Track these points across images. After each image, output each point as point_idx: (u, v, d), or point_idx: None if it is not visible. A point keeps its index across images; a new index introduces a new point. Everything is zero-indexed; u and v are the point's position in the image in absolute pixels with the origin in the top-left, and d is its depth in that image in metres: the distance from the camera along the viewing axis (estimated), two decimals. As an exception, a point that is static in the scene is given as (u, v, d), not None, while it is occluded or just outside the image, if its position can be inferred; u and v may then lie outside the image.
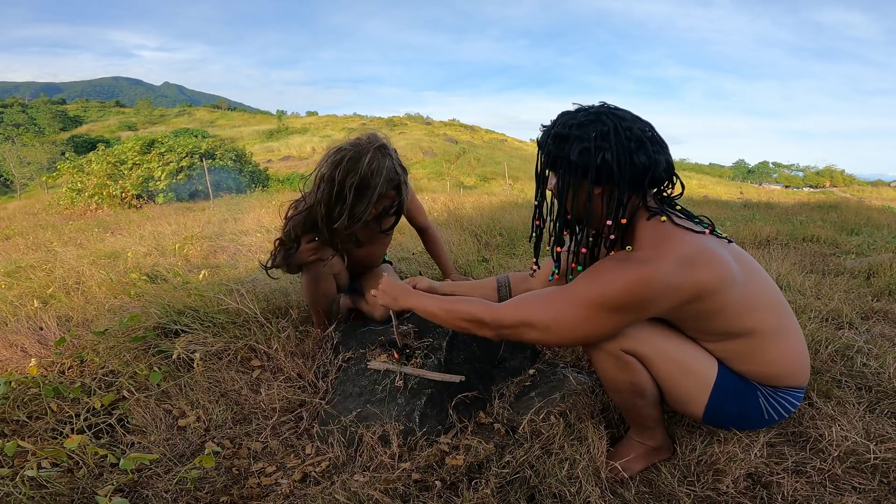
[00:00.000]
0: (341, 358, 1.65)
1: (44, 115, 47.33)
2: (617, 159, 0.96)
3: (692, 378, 1.06)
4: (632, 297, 0.94)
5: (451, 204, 6.07)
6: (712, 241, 0.99)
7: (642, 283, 0.93)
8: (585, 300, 0.98)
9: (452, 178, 18.92)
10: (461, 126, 54.18)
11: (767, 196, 12.24)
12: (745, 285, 0.99)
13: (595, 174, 0.98)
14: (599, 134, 0.96)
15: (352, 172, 1.53)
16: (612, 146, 0.96)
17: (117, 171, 10.81)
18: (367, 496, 1.11)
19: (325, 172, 1.56)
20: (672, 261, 0.93)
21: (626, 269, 0.94)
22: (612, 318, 0.97)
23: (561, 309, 1.00)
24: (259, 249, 3.75)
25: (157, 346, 1.78)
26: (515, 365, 1.69)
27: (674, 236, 0.97)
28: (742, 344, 1.03)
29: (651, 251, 0.95)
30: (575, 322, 0.99)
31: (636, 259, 0.96)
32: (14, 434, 1.36)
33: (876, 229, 4.64)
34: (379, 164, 1.55)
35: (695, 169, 69.58)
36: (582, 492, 1.09)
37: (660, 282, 0.92)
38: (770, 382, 1.07)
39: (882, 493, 1.07)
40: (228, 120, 61.35)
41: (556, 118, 1.04)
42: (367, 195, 1.57)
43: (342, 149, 1.57)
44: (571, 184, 1.01)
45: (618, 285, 0.94)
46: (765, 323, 1.02)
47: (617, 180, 0.97)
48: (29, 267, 3.53)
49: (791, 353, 1.06)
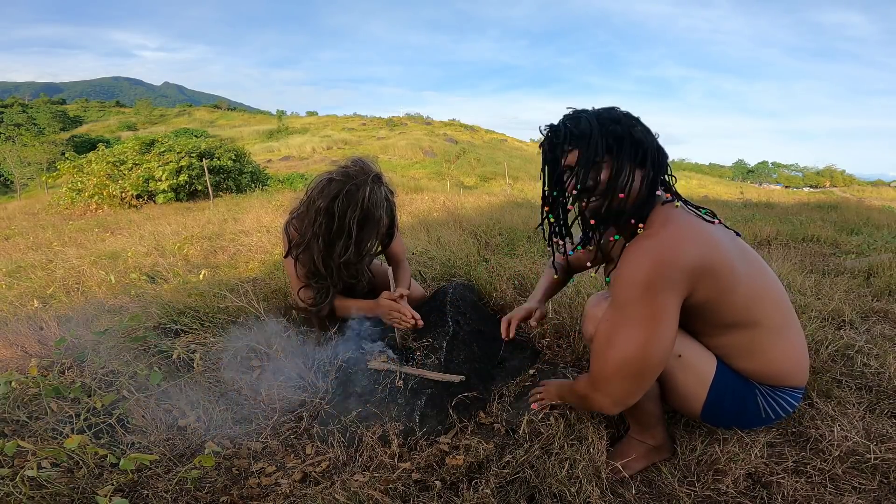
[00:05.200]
0: (341, 358, 1.65)
1: (44, 115, 47.32)
2: (654, 143, 1.03)
3: (691, 374, 1.06)
4: (658, 270, 0.93)
5: (450, 204, 6.07)
6: (720, 231, 1.03)
7: (664, 252, 0.94)
8: (638, 296, 0.95)
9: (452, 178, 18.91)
10: (461, 126, 54.16)
11: (767, 196, 12.23)
12: (752, 276, 1.01)
13: (652, 158, 1.02)
14: (636, 120, 1.03)
15: (352, 206, 1.52)
16: (646, 132, 1.02)
17: (117, 171, 10.79)
18: (367, 496, 1.11)
19: (323, 205, 1.54)
20: (680, 231, 0.97)
21: (644, 250, 0.96)
22: (661, 302, 0.94)
23: (632, 319, 0.95)
24: (259, 249, 3.75)
25: (157, 346, 1.78)
26: (515, 365, 1.68)
27: (684, 217, 1.01)
28: (746, 337, 1.04)
29: (663, 227, 0.99)
30: (652, 324, 0.94)
31: (649, 236, 0.98)
32: (14, 434, 1.36)
33: (876, 229, 4.63)
34: (377, 196, 1.55)
35: (695, 169, 69.52)
36: (582, 492, 1.09)
37: (674, 249, 0.94)
38: (770, 381, 1.07)
39: (882, 493, 1.07)
40: (228, 120, 61.37)
41: (575, 114, 1.03)
42: (372, 227, 1.57)
43: (334, 179, 1.55)
44: (629, 167, 1.01)
45: (642, 264, 0.95)
46: (770, 317, 1.03)
47: (657, 163, 1.03)
48: (29, 267, 3.53)
49: (792, 353, 1.06)
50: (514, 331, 1.45)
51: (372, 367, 1.52)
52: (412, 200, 6.86)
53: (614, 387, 0.99)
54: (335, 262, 1.62)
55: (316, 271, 1.65)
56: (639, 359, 0.95)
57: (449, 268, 2.53)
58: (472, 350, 1.63)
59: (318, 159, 27.07)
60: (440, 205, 6.02)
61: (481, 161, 25.20)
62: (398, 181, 14.70)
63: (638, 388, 0.99)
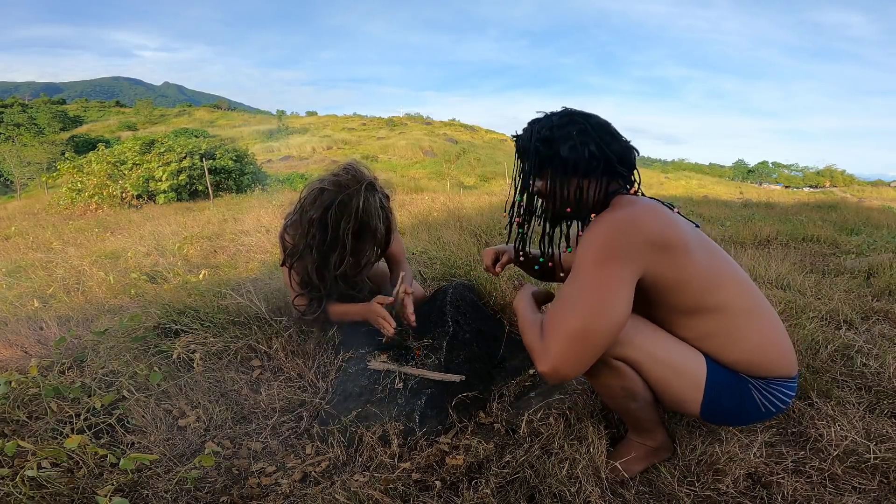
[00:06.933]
0: (341, 358, 1.65)
1: (44, 115, 47.27)
2: (599, 151, 1.06)
3: (684, 378, 1.06)
4: (616, 237, 0.97)
5: (450, 204, 6.07)
6: (680, 218, 1.07)
7: (621, 221, 0.98)
8: (591, 263, 0.97)
9: (452, 177, 18.92)
10: (461, 126, 54.13)
11: (767, 196, 12.24)
12: (710, 259, 1.04)
13: (585, 167, 1.06)
14: (579, 131, 1.06)
15: (346, 217, 1.48)
16: (593, 140, 1.06)
17: (117, 171, 10.80)
18: (367, 496, 1.11)
19: (315, 217, 1.49)
20: (642, 208, 1.01)
21: (605, 221, 1.00)
22: (614, 270, 0.95)
23: (582, 288, 0.96)
24: (259, 249, 3.75)
25: (157, 346, 1.78)
26: (515, 365, 1.69)
27: (648, 201, 1.06)
28: (715, 323, 1.04)
29: (625, 206, 1.03)
30: (600, 293, 0.95)
31: (612, 211, 1.03)
32: (14, 434, 1.36)
33: (876, 229, 4.64)
34: (371, 205, 1.50)
35: (695, 169, 69.47)
36: (582, 492, 1.09)
37: (633, 219, 0.98)
38: (758, 372, 1.07)
39: (882, 493, 1.08)
40: (228, 120, 61.32)
41: (530, 126, 1.13)
42: (368, 238, 1.53)
43: (326, 189, 1.50)
44: (563, 180, 1.09)
45: (601, 232, 0.98)
46: (734, 300, 1.04)
47: (602, 170, 1.07)
48: (29, 267, 3.53)
49: (770, 337, 1.06)
50: (500, 267, 1.47)
51: (372, 367, 1.52)
52: (412, 200, 6.86)
53: (555, 347, 0.96)
54: (331, 274, 1.58)
55: (309, 281, 1.61)
56: (584, 325, 0.94)
57: (449, 268, 2.53)
58: (472, 350, 1.63)
59: (318, 159, 27.08)
60: (440, 205, 6.02)
61: (481, 161, 25.19)
62: (398, 181, 14.70)
63: (577, 358, 0.96)
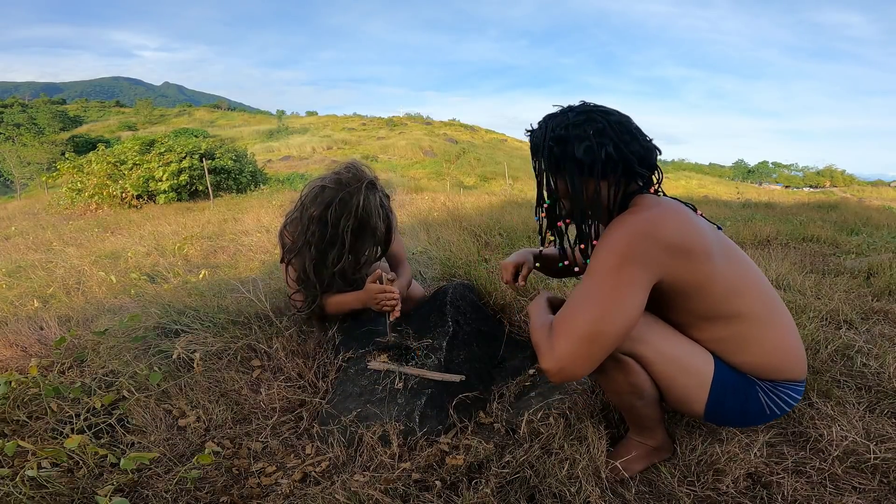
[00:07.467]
0: (341, 358, 1.65)
1: (44, 115, 47.28)
2: (617, 153, 1.00)
3: (691, 376, 1.06)
4: (635, 241, 0.94)
5: (450, 204, 6.07)
6: (703, 221, 1.05)
7: (641, 225, 0.95)
8: (607, 265, 0.95)
9: (452, 177, 18.92)
10: (461, 126, 54.12)
11: (767, 196, 12.23)
12: (730, 266, 1.01)
13: (602, 169, 1.01)
14: (597, 131, 1.00)
15: (346, 215, 1.49)
16: (611, 140, 1.00)
17: (117, 171, 10.80)
18: (367, 496, 1.11)
19: (315, 214, 1.52)
20: (664, 211, 0.98)
21: (625, 223, 0.97)
22: (630, 274, 0.94)
23: (595, 290, 0.95)
24: (259, 249, 3.75)
25: (157, 346, 1.78)
26: (515, 365, 1.69)
27: (671, 202, 1.03)
28: (731, 329, 1.03)
29: (648, 208, 1.00)
30: (613, 296, 0.93)
31: (633, 212, 1.00)
32: (14, 434, 1.36)
33: (876, 229, 4.64)
34: (371, 204, 1.52)
35: (695, 169, 69.46)
36: (582, 491, 1.09)
37: (654, 223, 0.95)
38: (768, 376, 1.07)
39: (882, 493, 1.07)
40: (228, 120, 61.32)
41: (545, 122, 1.07)
42: (367, 236, 1.54)
43: (327, 187, 1.52)
44: (579, 181, 1.03)
45: (621, 235, 0.96)
46: (752, 308, 1.03)
47: (621, 171, 1.02)
48: (29, 267, 3.53)
49: (784, 344, 1.05)
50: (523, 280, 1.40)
51: (372, 367, 1.52)
52: (412, 200, 6.86)
53: (561, 346, 0.95)
54: (328, 271, 1.60)
55: (305, 278, 1.63)
56: (594, 327, 0.93)
57: (449, 268, 2.53)
58: (472, 350, 1.63)
59: (318, 159, 27.08)
60: (440, 205, 6.02)
61: (481, 161, 25.21)
62: (398, 181, 14.70)
63: (583, 358, 0.95)
